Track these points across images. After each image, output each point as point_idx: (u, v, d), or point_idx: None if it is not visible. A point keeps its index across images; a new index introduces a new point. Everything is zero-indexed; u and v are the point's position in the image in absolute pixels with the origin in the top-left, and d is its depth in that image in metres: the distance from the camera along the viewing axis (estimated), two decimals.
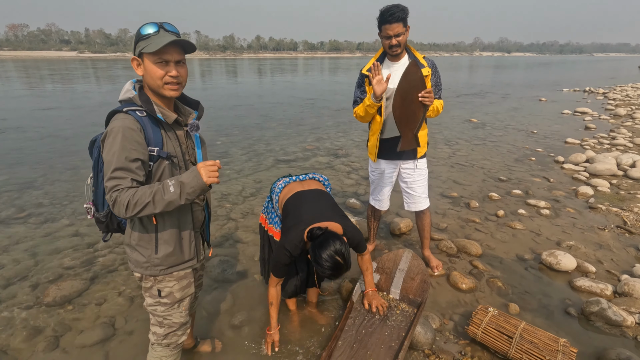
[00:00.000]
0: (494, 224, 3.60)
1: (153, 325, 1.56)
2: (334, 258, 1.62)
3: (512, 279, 2.72)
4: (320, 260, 1.63)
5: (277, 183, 2.12)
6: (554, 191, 4.43)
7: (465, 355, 2.01)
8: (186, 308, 1.56)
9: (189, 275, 1.53)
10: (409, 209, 2.72)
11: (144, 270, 1.43)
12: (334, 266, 1.63)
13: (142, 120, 1.30)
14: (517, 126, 8.46)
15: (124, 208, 1.23)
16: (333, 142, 6.95)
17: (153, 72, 1.29)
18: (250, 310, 2.41)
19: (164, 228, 1.41)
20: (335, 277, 1.69)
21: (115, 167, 1.23)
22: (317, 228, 1.71)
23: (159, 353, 1.59)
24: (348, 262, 1.67)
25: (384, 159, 2.63)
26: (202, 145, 1.54)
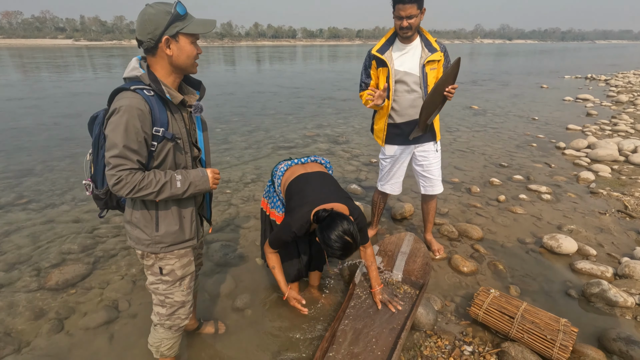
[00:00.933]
0: (495, 208, 3.60)
1: (155, 305, 1.56)
2: (343, 238, 1.62)
3: (513, 262, 2.73)
4: (329, 242, 1.63)
5: (278, 166, 2.11)
6: (555, 176, 4.42)
7: (467, 335, 2.03)
8: (187, 286, 1.56)
9: (189, 253, 1.53)
10: (425, 192, 2.70)
11: (145, 248, 1.42)
12: (344, 246, 1.63)
13: (150, 99, 1.28)
14: (518, 113, 8.41)
15: (128, 190, 1.25)
16: (333, 129, 6.91)
17: (190, 51, 1.33)
18: (252, 293, 2.42)
19: (166, 207, 1.41)
20: (345, 256, 1.69)
21: (121, 146, 1.23)
22: (322, 210, 1.70)
23: (161, 335, 1.59)
24: (357, 241, 1.67)
25: (398, 144, 2.58)
26: (203, 129, 1.53)
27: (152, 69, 1.34)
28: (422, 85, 2.38)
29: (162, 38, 1.27)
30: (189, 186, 1.37)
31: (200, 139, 1.51)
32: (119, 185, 1.24)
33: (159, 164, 1.35)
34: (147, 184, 1.28)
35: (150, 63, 1.34)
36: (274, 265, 1.94)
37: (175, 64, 1.33)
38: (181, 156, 1.41)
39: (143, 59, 1.37)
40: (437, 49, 2.34)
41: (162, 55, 1.31)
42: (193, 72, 1.42)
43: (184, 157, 1.42)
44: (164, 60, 1.32)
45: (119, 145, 1.22)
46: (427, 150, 2.59)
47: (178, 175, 1.35)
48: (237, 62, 27.13)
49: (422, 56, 2.33)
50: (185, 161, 1.43)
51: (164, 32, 1.26)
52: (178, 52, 1.31)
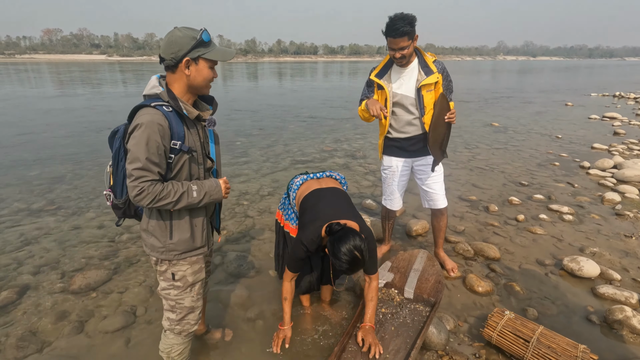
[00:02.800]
0: (514, 228, 3.53)
1: (166, 310, 1.62)
2: (353, 253, 1.65)
3: (531, 283, 2.66)
4: (339, 254, 1.66)
5: (294, 180, 2.16)
6: (578, 197, 4.29)
7: (480, 357, 1.98)
8: (197, 292, 1.62)
9: (200, 260, 1.59)
10: (427, 207, 2.71)
11: (160, 255, 1.50)
12: (352, 261, 1.65)
13: (169, 115, 1.38)
14: (540, 131, 8.23)
15: (149, 200, 1.34)
16: (351, 144, 6.97)
17: (206, 74, 1.44)
18: (264, 305, 2.45)
19: (179, 216, 1.48)
20: (352, 272, 1.71)
21: (144, 159, 1.32)
22: (336, 223, 1.74)
23: (171, 340, 1.65)
24: (365, 258, 1.69)
25: (395, 156, 2.64)
26: (215, 142, 1.62)
27: (170, 85, 1.44)
28: (418, 107, 2.45)
29: (183, 59, 1.37)
30: (204, 196, 1.45)
31: (212, 151, 1.60)
32: (141, 195, 1.33)
33: (175, 175, 1.44)
34: (166, 194, 1.36)
35: (168, 80, 1.45)
36: (286, 297, 1.98)
37: (191, 84, 1.43)
38: (195, 167, 1.50)
39: (162, 77, 1.47)
40: (434, 71, 2.37)
41: (180, 75, 1.42)
42: (206, 93, 1.53)
43: (197, 169, 1.51)
44: (182, 80, 1.42)
45: (141, 158, 1.31)
46: (426, 164, 2.60)
47: (194, 186, 1.44)
48: (260, 77, 27.84)
49: (418, 79, 2.38)
50: (199, 172, 1.52)
51: (186, 54, 1.37)
52: (196, 73, 1.41)
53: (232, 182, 4.81)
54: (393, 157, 2.66)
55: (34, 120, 9.02)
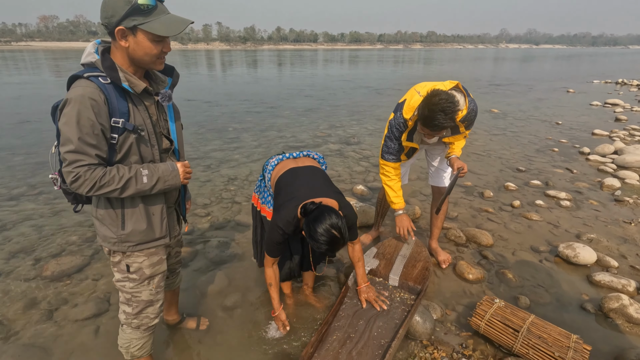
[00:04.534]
0: (509, 214, 3.40)
1: (122, 303, 1.49)
2: (330, 232, 1.52)
3: (524, 271, 2.54)
4: (315, 235, 1.53)
5: (269, 160, 2.03)
6: (577, 183, 4.15)
7: (467, 348, 1.88)
8: (157, 286, 1.49)
9: (160, 252, 1.46)
10: (433, 184, 2.58)
11: (112, 246, 1.36)
12: (331, 240, 1.53)
13: (106, 88, 1.19)
14: (540, 117, 8.05)
15: (88, 187, 1.18)
16: (346, 130, 6.80)
17: (149, 50, 1.20)
18: (244, 293, 2.34)
19: (132, 204, 1.33)
20: (332, 252, 1.60)
21: (76, 140, 1.14)
22: (310, 203, 1.61)
23: (129, 335, 1.52)
24: (345, 236, 1.57)
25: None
26: (175, 118, 1.43)
27: (112, 55, 1.24)
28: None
29: (115, 28, 1.17)
30: (157, 181, 1.29)
31: (172, 130, 1.42)
32: (77, 182, 1.17)
33: (122, 157, 1.27)
34: (108, 181, 1.19)
35: (112, 49, 1.25)
36: (270, 282, 1.86)
37: (132, 58, 1.22)
38: (147, 149, 1.31)
39: (103, 42, 1.28)
40: (461, 132, 2.14)
41: (117, 45, 1.22)
42: (157, 69, 1.29)
43: (150, 150, 1.32)
44: (122, 50, 1.22)
45: (73, 140, 1.14)
46: (438, 145, 2.46)
47: (144, 170, 1.27)
48: (259, 65, 27.43)
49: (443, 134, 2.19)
50: (153, 154, 1.33)
51: (119, 21, 1.15)
52: (135, 46, 1.19)
53: (221, 168, 4.68)
54: None
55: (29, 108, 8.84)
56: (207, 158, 5.10)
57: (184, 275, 2.50)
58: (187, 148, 5.50)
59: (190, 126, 6.89)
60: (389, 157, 2.29)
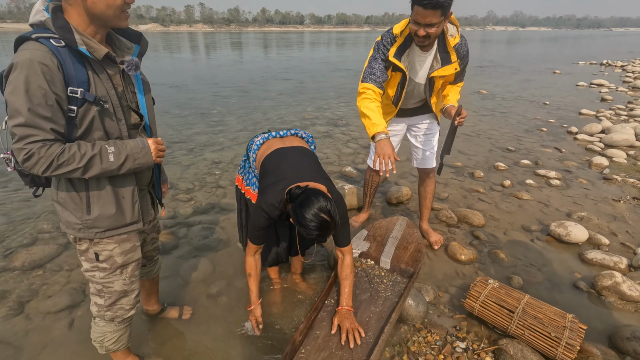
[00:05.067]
0: (499, 194, 3.36)
1: (93, 294, 1.36)
2: (320, 216, 1.41)
3: (516, 250, 2.50)
4: (304, 221, 1.42)
5: (254, 139, 1.89)
6: (566, 162, 4.14)
7: (460, 330, 1.82)
8: (131, 275, 1.36)
9: (133, 238, 1.32)
10: (417, 166, 2.47)
11: (77, 233, 1.22)
12: (321, 225, 1.41)
13: (60, 52, 1.02)
14: (528, 98, 8.04)
15: (43, 166, 1.03)
16: (334, 112, 6.65)
17: (111, 1, 1.04)
18: (229, 279, 2.23)
19: (98, 186, 1.18)
20: (323, 237, 1.48)
21: (26, 112, 0.99)
22: (296, 187, 1.49)
23: (103, 328, 1.40)
24: (335, 219, 1.45)
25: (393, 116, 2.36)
26: (145, 90, 1.27)
27: (66, 14, 1.06)
28: (426, 92, 2.16)
29: None
30: (125, 160, 1.14)
31: (142, 104, 1.26)
32: (30, 161, 1.01)
33: (84, 133, 1.11)
34: (68, 159, 1.04)
35: (64, 6, 1.07)
36: (250, 273, 1.73)
37: (91, 12, 1.05)
38: (113, 124, 1.16)
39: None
40: (452, 60, 1.96)
41: (72, 0, 1.04)
42: (121, 26, 1.13)
43: (116, 125, 1.17)
44: (78, 6, 1.04)
45: (22, 111, 0.98)
46: (422, 122, 2.37)
47: (110, 147, 1.12)
48: (244, 47, 26.69)
49: (433, 66, 2.00)
50: (120, 130, 1.18)
51: None
52: None
53: (205, 151, 4.50)
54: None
55: None
56: (190, 141, 4.90)
57: (165, 262, 2.37)
58: (169, 132, 5.28)
59: (172, 109, 6.62)
60: (370, 78, 1.99)
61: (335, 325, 1.66)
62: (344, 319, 1.66)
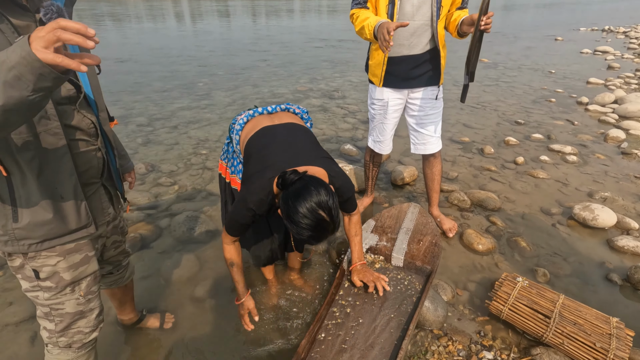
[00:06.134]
0: (513, 172, 3.09)
1: (40, 318, 1.08)
2: (317, 213, 1.11)
3: (537, 237, 2.26)
4: (295, 217, 1.12)
5: (237, 118, 1.55)
6: (580, 135, 3.86)
7: (485, 336, 1.59)
8: (86, 292, 1.07)
9: (84, 247, 1.03)
10: (416, 152, 2.18)
11: (4, 246, 0.91)
12: (316, 225, 1.12)
13: None
14: (532, 66, 7.64)
15: None
16: (328, 84, 6.22)
17: None
18: (218, 279, 1.96)
19: (24, 184, 0.87)
20: (317, 240, 1.19)
21: None
22: (291, 172, 1.18)
23: (58, 357, 1.12)
24: (336, 220, 1.16)
25: (390, 87, 2.03)
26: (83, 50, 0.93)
27: None
28: (434, 5, 1.77)
29: None
30: None
31: None
32: None
33: None
34: None
35: None
36: (232, 262, 1.44)
37: None
38: None
39: None
40: None
41: None
42: None
43: None
44: None
45: None
46: (422, 98, 2.03)
47: None
48: (232, 15, 25.35)
49: None
50: None
51: None
52: None
53: (190, 129, 4.12)
54: (386, 87, 2.05)
55: None
56: (173, 118, 4.50)
57: (145, 259, 2.09)
58: (150, 107, 4.85)
59: (154, 82, 6.13)
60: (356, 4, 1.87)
61: (357, 282, 1.59)
62: (363, 273, 1.60)
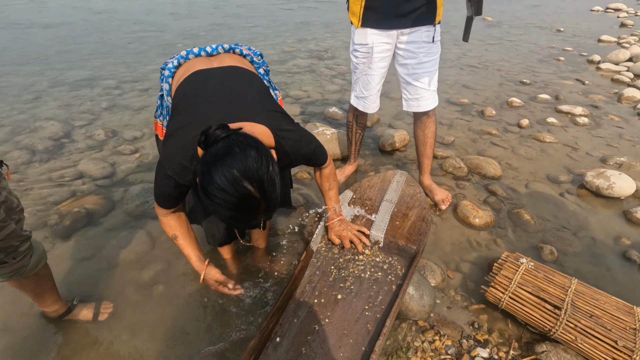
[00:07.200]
0: (516, 136, 2.75)
1: None
2: (238, 185, 0.79)
3: (543, 209, 1.97)
4: (210, 188, 0.80)
5: (167, 62, 1.20)
6: (591, 95, 3.49)
7: (480, 329, 1.33)
8: None
9: None
10: (408, 109, 1.83)
11: None
12: (239, 202, 0.80)
13: None
14: (539, 24, 7.09)
15: None
16: (318, 44, 5.72)
17: None
18: (170, 260, 1.68)
19: None
20: (242, 223, 0.90)
21: None
22: (219, 127, 0.84)
23: None
24: (270, 197, 0.84)
25: (373, 27, 1.65)
26: None
27: None
28: None
29: None
30: None
31: None
32: None
33: None
34: None
35: None
36: (174, 234, 1.15)
37: None
38: None
39: None
40: None
41: None
42: None
43: None
44: None
45: None
46: (415, 42, 1.66)
47: None
48: None
49: None
50: None
51: None
52: None
53: None
54: (370, 28, 1.67)
55: None
56: (145, 80, 4.08)
57: (88, 238, 1.80)
58: (121, 69, 4.41)
59: (130, 43, 5.62)
60: None
61: (336, 240, 1.44)
62: (341, 230, 1.43)
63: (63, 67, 4.44)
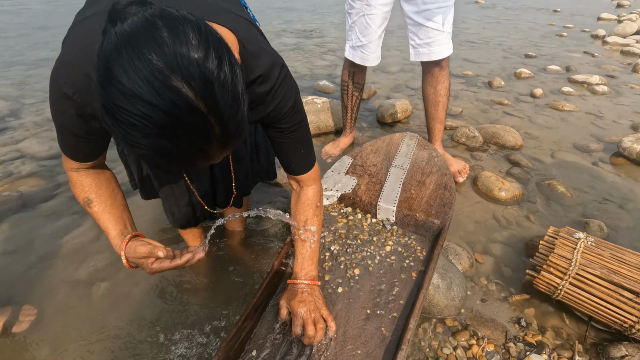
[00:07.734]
0: (531, 105, 2.45)
1: None
2: (165, 84, 0.41)
3: (577, 180, 1.65)
4: (111, 96, 0.42)
5: None
6: (604, 66, 3.22)
7: (528, 327, 0.99)
8: None
9: None
10: (417, 58, 1.49)
11: None
12: (163, 121, 0.42)
13: None
14: (534, 5, 6.86)
15: None
16: (305, 25, 5.36)
17: None
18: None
19: None
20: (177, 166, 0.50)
21: None
22: (133, 1, 0.48)
23: None
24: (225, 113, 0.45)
25: None
26: None
27: None
28: None
29: None
30: None
31: None
32: None
33: None
34: None
35: None
36: (86, 199, 0.78)
37: None
38: None
39: None
40: None
41: None
42: None
43: None
44: None
45: None
46: None
47: None
48: None
49: None
50: None
51: None
52: None
53: None
54: None
55: None
56: None
57: (20, 226, 1.42)
58: None
59: None
60: None
61: (284, 312, 0.86)
62: (298, 300, 0.84)
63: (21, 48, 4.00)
